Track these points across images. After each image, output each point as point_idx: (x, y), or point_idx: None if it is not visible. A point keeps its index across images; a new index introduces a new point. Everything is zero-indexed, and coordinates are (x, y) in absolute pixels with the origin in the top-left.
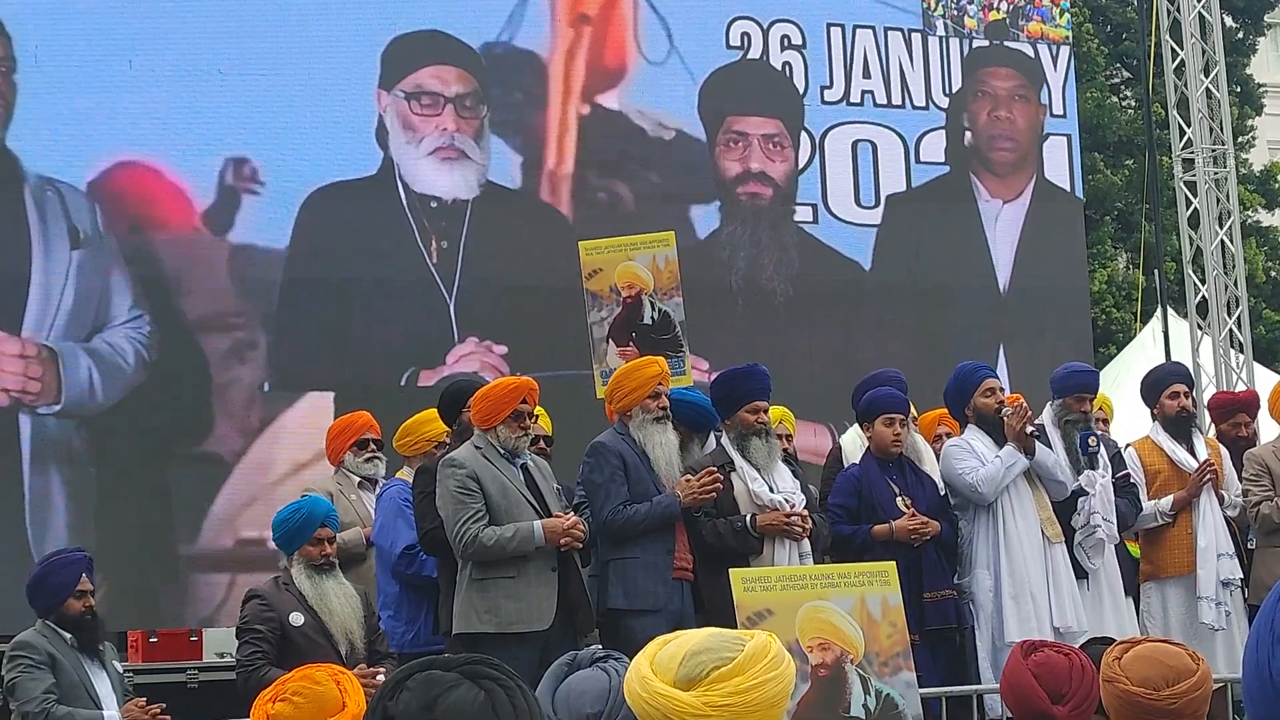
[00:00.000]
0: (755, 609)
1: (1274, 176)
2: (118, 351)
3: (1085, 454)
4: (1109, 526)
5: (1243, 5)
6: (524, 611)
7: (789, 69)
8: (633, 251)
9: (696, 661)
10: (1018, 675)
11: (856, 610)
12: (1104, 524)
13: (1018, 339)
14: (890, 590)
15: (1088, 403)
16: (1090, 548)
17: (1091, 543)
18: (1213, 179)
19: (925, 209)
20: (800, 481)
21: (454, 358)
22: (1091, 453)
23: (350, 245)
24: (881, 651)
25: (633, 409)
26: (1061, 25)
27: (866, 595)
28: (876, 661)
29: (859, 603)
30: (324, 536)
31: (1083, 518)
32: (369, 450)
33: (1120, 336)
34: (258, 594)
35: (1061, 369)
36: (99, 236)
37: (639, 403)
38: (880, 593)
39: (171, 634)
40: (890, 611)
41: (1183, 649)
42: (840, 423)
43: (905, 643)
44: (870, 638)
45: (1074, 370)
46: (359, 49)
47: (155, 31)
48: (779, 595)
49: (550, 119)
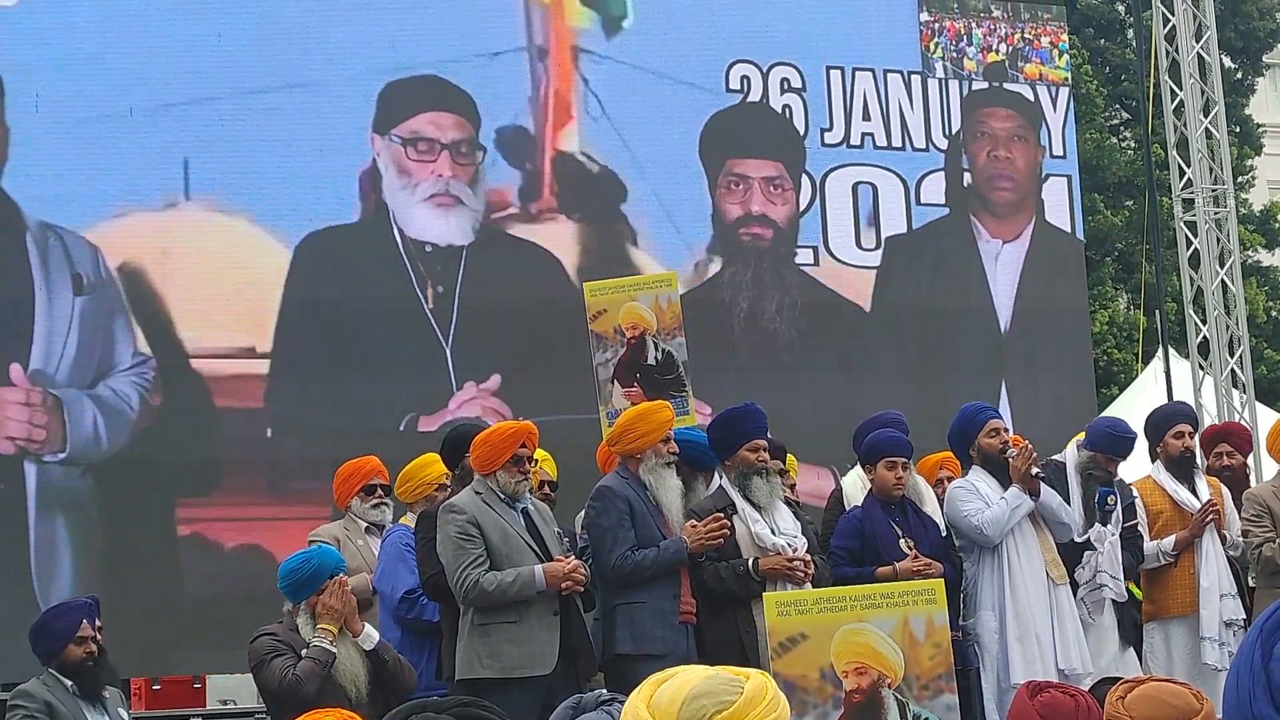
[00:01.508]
0: (788, 634)
1: (1274, 216)
2: (122, 398)
3: (1101, 510)
4: (1116, 585)
5: (1241, 46)
6: (526, 656)
7: (789, 111)
8: (636, 292)
9: (697, 706)
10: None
11: (898, 631)
12: (1111, 583)
13: (1019, 379)
14: (936, 610)
15: (1115, 465)
16: (1093, 604)
17: (1095, 599)
18: (1213, 219)
19: (926, 250)
20: (801, 524)
21: (456, 403)
22: (1108, 510)
23: (346, 290)
24: (922, 674)
25: (644, 452)
26: (1060, 67)
27: (910, 616)
28: (916, 685)
29: (901, 623)
30: None
31: (1088, 572)
32: (376, 496)
33: (1122, 377)
34: (268, 631)
35: (1105, 424)
36: (102, 283)
37: (651, 446)
38: (925, 612)
39: (175, 681)
40: (935, 632)
41: (1187, 688)
42: (842, 465)
43: (948, 664)
44: (911, 659)
45: (1118, 435)
46: (355, 92)
47: (153, 78)
48: (815, 619)
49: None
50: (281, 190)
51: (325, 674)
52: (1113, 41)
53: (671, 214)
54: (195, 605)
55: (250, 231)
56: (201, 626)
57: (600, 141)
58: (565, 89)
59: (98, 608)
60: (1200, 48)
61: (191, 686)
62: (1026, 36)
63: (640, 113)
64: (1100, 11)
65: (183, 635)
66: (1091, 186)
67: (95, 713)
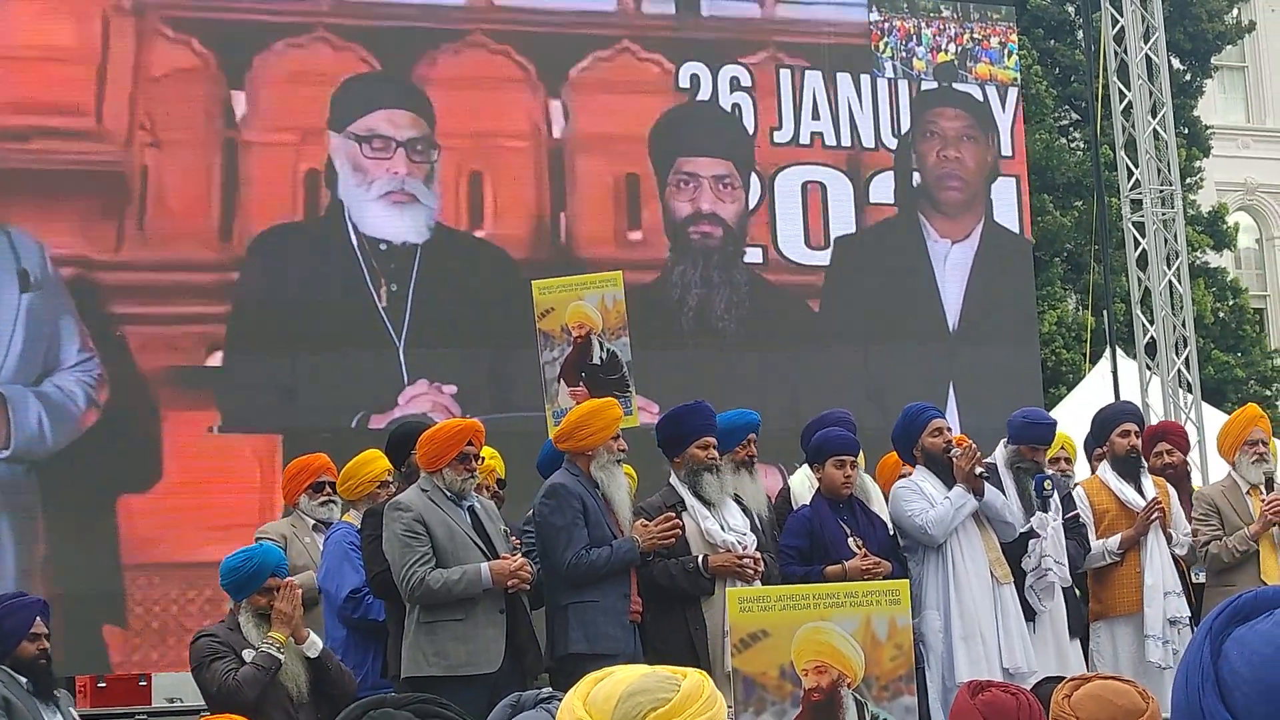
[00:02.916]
0: (750, 630)
1: (1222, 218)
2: (67, 395)
3: (1039, 496)
4: (1060, 569)
5: (1190, 48)
6: (472, 654)
7: (738, 110)
8: (583, 291)
9: (633, 703)
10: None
11: (860, 631)
12: (1055, 566)
13: (967, 379)
14: (900, 611)
15: (1041, 453)
16: (1041, 590)
17: (1043, 585)
18: (1160, 220)
19: (874, 250)
20: (751, 520)
21: (405, 399)
22: (1045, 496)
23: (299, 287)
24: (882, 675)
25: (595, 449)
26: (1010, 67)
27: (873, 615)
28: (876, 685)
29: (864, 623)
30: (273, 586)
31: (1034, 560)
32: (325, 493)
33: (1070, 377)
34: (209, 633)
35: (1020, 416)
36: (48, 280)
37: (603, 443)
38: (889, 613)
39: (120, 679)
40: (898, 633)
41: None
42: (790, 464)
43: (909, 665)
44: (872, 660)
45: (1033, 423)
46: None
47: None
48: (777, 616)
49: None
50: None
51: (268, 680)
52: (1062, 42)
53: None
54: (140, 603)
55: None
56: (147, 625)
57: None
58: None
59: (48, 610)
60: (1149, 49)
61: (137, 685)
62: (976, 37)
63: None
64: (1050, 12)
65: (128, 634)
66: (1040, 187)
67: (49, 711)
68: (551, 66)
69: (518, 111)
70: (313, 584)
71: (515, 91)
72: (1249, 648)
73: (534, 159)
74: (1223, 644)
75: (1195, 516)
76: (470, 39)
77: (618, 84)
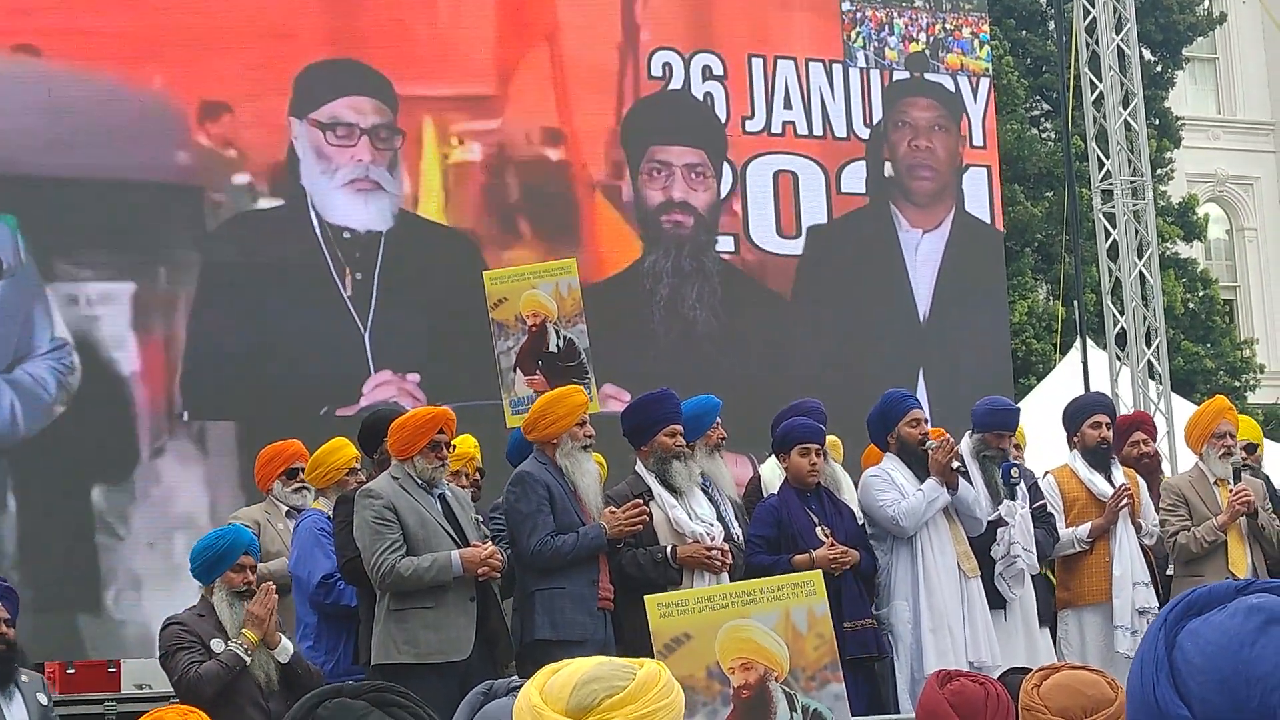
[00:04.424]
0: (672, 635)
1: (1192, 209)
2: (39, 382)
3: (1007, 484)
4: (1029, 556)
5: (1161, 39)
6: (443, 642)
7: (710, 99)
8: (536, 280)
9: (588, 690)
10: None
11: (781, 625)
12: (1024, 554)
13: (937, 369)
14: (816, 601)
15: (1006, 440)
16: (1011, 578)
17: (1012, 573)
18: (1131, 210)
19: (846, 239)
20: (718, 509)
21: (370, 386)
22: (1012, 484)
23: (263, 274)
24: (808, 665)
25: (560, 437)
26: (981, 58)
27: (792, 608)
28: (803, 676)
29: (784, 617)
30: (246, 564)
31: (1003, 548)
32: (298, 480)
33: (1040, 367)
34: (177, 620)
35: (984, 404)
36: (21, 266)
37: (567, 430)
38: (806, 604)
39: (90, 665)
40: (817, 623)
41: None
42: (761, 453)
43: (833, 654)
44: (796, 652)
45: (997, 409)
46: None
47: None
48: (697, 618)
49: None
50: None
51: (229, 678)
52: (1034, 33)
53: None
54: (112, 590)
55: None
56: (118, 611)
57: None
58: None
59: (14, 596)
60: (1120, 40)
61: (106, 671)
62: (948, 27)
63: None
64: (1021, 3)
65: (97, 620)
66: (1011, 177)
67: (4, 698)
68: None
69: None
70: (284, 570)
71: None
72: (1203, 639)
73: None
74: (1177, 636)
75: (1163, 507)
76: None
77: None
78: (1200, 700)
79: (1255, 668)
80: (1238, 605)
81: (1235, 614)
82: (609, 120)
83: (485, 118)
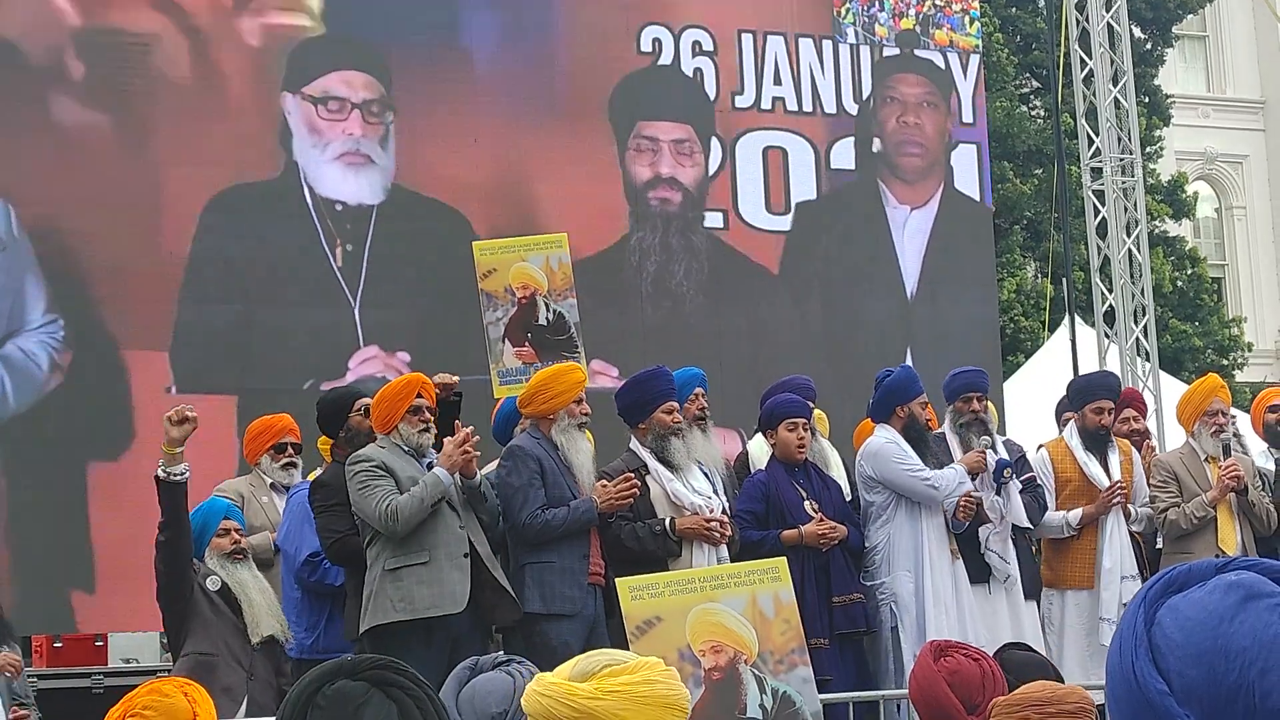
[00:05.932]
0: (644, 618)
1: (1181, 187)
2: (31, 358)
3: (998, 481)
4: (1004, 567)
5: (1151, 16)
6: (437, 596)
7: (700, 75)
8: (526, 252)
9: (591, 660)
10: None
11: (749, 610)
12: (999, 562)
13: (925, 345)
14: (782, 586)
15: (975, 401)
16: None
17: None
18: (1120, 188)
19: (835, 215)
20: (714, 483)
21: (357, 361)
22: (1002, 483)
23: (254, 247)
24: (776, 650)
25: (557, 413)
26: (971, 34)
27: (758, 594)
28: (771, 660)
29: (751, 602)
30: (229, 527)
31: (982, 545)
32: (286, 454)
33: (1028, 345)
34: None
35: (949, 376)
36: (13, 241)
37: (564, 407)
38: (772, 590)
39: (77, 639)
40: (783, 608)
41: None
42: (750, 428)
43: (800, 639)
44: (764, 636)
45: (959, 371)
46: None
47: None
48: (667, 601)
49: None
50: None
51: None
52: (1024, 10)
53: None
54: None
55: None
56: (110, 585)
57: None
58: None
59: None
60: (1110, 17)
61: (93, 645)
62: (938, 3)
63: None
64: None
65: (88, 595)
66: (1001, 154)
67: None
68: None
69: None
70: (267, 545)
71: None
72: (1182, 614)
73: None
74: (1157, 612)
75: (1153, 484)
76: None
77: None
78: (1178, 675)
79: (1233, 642)
80: (1217, 582)
81: (1214, 590)
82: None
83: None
